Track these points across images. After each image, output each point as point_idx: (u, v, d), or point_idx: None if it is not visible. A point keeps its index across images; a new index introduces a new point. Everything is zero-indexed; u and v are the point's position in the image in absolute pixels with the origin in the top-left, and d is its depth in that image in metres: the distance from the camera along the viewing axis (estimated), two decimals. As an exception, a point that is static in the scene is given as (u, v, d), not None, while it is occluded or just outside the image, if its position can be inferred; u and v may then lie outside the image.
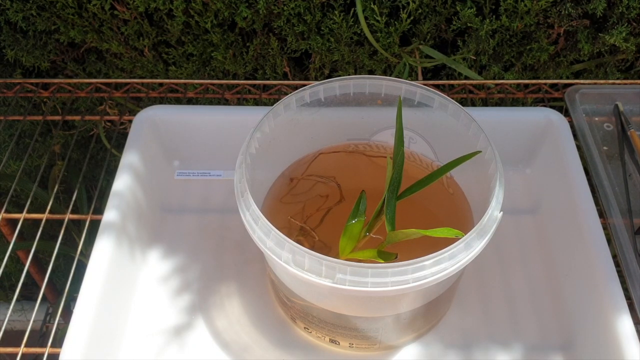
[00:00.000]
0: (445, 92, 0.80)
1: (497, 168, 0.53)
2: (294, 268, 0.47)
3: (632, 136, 0.70)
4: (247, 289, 0.64)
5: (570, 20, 0.76)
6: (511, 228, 0.69)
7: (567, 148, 0.68)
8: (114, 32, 0.83)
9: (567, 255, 0.64)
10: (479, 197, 0.57)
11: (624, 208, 0.64)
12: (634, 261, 0.59)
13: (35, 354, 0.59)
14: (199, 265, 0.66)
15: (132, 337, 0.60)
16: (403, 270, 0.46)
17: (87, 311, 0.55)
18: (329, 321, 0.55)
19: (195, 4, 0.78)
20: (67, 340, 0.54)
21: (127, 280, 0.63)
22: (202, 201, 0.73)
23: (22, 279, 0.64)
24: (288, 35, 0.80)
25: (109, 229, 0.61)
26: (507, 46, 0.80)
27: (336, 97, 0.59)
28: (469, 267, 0.53)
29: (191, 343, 0.60)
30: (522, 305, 0.63)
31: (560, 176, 0.67)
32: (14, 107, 0.91)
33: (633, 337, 0.53)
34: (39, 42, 0.85)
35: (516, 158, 0.73)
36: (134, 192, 0.66)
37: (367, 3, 0.76)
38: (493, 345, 0.60)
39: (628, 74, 0.84)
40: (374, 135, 0.65)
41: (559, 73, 0.83)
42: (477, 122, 0.57)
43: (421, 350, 0.59)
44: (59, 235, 0.67)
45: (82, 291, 0.57)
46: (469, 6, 0.75)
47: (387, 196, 0.54)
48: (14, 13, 0.81)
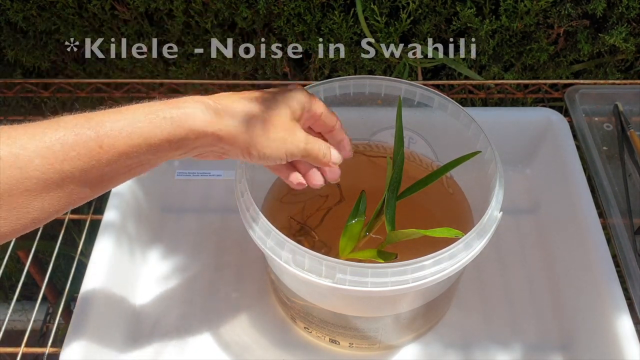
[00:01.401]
0: (445, 92, 0.80)
1: (497, 168, 0.53)
2: (294, 268, 0.47)
3: (631, 136, 0.70)
4: (247, 288, 0.64)
5: (570, 20, 0.76)
6: (511, 228, 0.69)
7: (566, 148, 0.68)
8: (114, 32, 0.83)
9: (566, 255, 0.64)
10: (479, 197, 0.57)
11: (623, 208, 0.64)
12: (633, 261, 0.59)
13: (36, 354, 0.60)
14: (199, 265, 0.66)
15: (132, 337, 0.60)
16: (403, 270, 0.46)
17: (87, 311, 0.55)
18: (329, 321, 0.55)
19: (195, 4, 0.78)
20: (67, 340, 0.54)
21: (127, 280, 0.63)
22: (202, 201, 0.73)
23: (22, 278, 0.64)
24: (288, 36, 0.80)
25: (109, 228, 0.61)
26: (507, 46, 0.80)
27: (336, 97, 0.60)
28: (469, 267, 0.53)
29: (191, 343, 0.60)
30: (522, 305, 0.63)
31: (560, 176, 0.67)
32: (14, 107, 0.91)
33: (633, 337, 0.53)
34: (39, 42, 0.85)
35: (516, 158, 0.73)
36: (134, 192, 0.66)
37: (367, 3, 0.76)
38: (493, 345, 0.60)
39: (628, 74, 0.84)
40: (374, 135, 0.65)
41: (559, 73, 0.83)
42: (477, 122, 0.57)
43: (421, 350, 0.59)
44: (59, 235, 0.67)
45: (83, 291, 0.57)
46: (468, 6, 0.75)
47: (387, 196, 0.54)
48: (15, 13, 0.81)
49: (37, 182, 0.35)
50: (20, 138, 0.35)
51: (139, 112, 0.38)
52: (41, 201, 0.36)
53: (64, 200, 0.37)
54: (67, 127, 0.36)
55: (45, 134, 0.35)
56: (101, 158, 0.36)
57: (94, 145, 0.36)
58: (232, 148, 0.41)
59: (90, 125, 0.36)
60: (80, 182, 0.36)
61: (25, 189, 0.35)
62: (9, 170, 0.34)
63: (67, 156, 0.35)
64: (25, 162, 0.34)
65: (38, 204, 0.36)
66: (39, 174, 0.35)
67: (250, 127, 0.41)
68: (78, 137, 0.35)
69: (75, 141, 0.35)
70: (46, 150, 0.35)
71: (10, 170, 0.34)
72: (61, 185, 0.36)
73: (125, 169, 0.38)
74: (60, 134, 0.35)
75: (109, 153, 0.36)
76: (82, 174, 0.36)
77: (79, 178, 0.36)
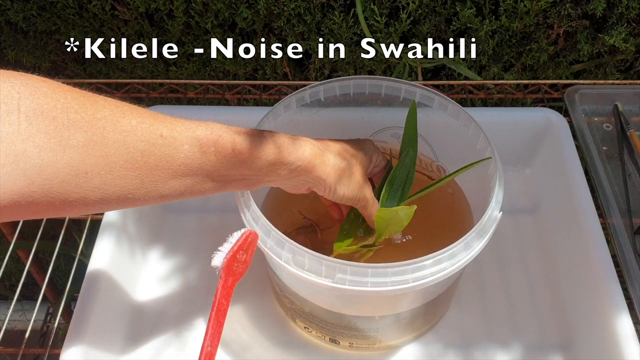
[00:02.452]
0: (445, 92, 0.80)
1: (496, 168, 0.53)
2: (294, 268, 0.48)
3: (631, 136, 0.70)
4: (247, 288, 0.64)
5: (570, 20, 0.76)
6: (511, 228, 0.69)
7: (566, 148, 0.68)
8: (115, 32, 0.83)
9: (566, 255, 0.64)
10: (479, 197, 0.57)
11: (623, 208, 0.64)
12: (633, 261, 0.59)
13: (36, 354, 0.60)
14: (199, 265, 0.66)
15: (133, 337, 0.60)
16: (403, 270, 0.46)
17: (87, 311, 0.55)
18: (329, 321, 0.55)
19: (195, 5, 0.78)
20: (67, 340, 0.54)
21: (128, 280, 0.63)
22: (203, 201, 0.73)
23: (22, 278, 0.64)
24: (288, 36, 0.80)
25: (109, 228, 0.61)
26: (506, 46, 0.80)
27: (336, 97, 0.60)
28: (469, 267, 0.53)
29: (191, 343, 0.60)
30: (522, 305, 0.63)
31: (560, 176, 0.67)
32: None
33: (633, 337, 0.53)
34: (40, 43, 0.85)
35: (516, 158, 0.74)
36: (135, 192, 0.66)
37: (367, 3, 0.76)
38: (492, 345, 0.60)
39: (627, 74, 0.84)
40: (374, 135, 0.65)
41: (559, 73, 0.83)
42: (476, 122, 0.57)
43: (421, 349, 0.59)
44: (59, 235, 0.67)
45: (83, 291, 0.57)
46: (468, 7, 0.75)
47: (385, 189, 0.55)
48: (15, 13, 0.81)
49: (179, 164, 0.42)
50: (178, 126, 0.42)
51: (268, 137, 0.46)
52: (175, 182, 0.42)
53: (190, 188, 0.44)
54: (214, 128, 0.43)
55: (198, 128, 0.43)
56: (229, 161, 0.44)
57: (229, 149, 0.43)
58: (320, 182, 0.49)
59: (231, 133, 0.44)
60: (208, 175, 0.44)
61: (169, 167, 0.41)
62: (165, 148, 0.41)
63: (207, 150, 0.42)
64: (178, 144, 0.41)
65: (172, 184, 0.42)
66: (183, 158, 0.42)
67: (340, 171, 0.49)
68: (219, 139, 0.43)
69: (216, 141, 0.43)
70: (195, 140, 0.42)
71: (165, 148, 0.41)
72: (194, 174, 0.43)
73: (241, 177, 0.46)
74: (208, 132, 0.43)
75: (236, 159, 0.44)
76: (212, 169, 0.43)
77: (208, 172, 0.43)
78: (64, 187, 0.37)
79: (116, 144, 0.39)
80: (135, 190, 0.41)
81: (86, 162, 0.38)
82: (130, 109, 0.41)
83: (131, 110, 0.41)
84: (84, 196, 0.39)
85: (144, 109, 0.42)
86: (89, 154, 0.38)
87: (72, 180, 0.38)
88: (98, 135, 0.38)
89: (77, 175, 0.38)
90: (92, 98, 0.40)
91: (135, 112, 0.41)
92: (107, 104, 0.40)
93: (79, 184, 0.38)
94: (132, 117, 0.40)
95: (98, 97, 0.40)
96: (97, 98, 0.40)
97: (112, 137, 0.39)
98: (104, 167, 0.39)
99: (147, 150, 0.40)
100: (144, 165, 0.40)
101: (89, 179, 0.38)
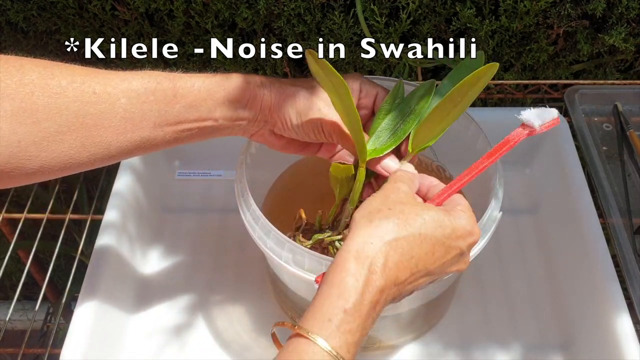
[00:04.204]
0: (445, 92, 0.80)
1: (496, 168, 0.53)
2: (294, 267, 0.48)
3: (631, 136, 0.70)
4: (247, 288, 0.64)
5: (570, 20, 0.76)
6: (511, 228, 0.69)
7: (566, 148, 0.68)
8: (115, 32, 0.83)
9: (566, 255, 0.64)
10: (479, 197, 0.57)
11: (623, 208, 0.64)
12: (633, 261, 0.59)
13: (36, 354, 0.60)
14: (199, 265, 0.66)
15: (133, 337, 0.60)
16: (403, 269, 0.46)
17: (87, 311, 0.56)
18: (329, 321, 0.55)
19: (195, 5, 0.78)
20: (67, 340, 0.54)
21: (128, 279, 0.63)
22: (203, 201, 0.73)
23: (22, 278, 0.64)
24: (288, 36, 0.80)
25: (109, 228, 0.61)
26: (506, 47, 0.80)
27: (336, 97, 0.59)
28: (469, 267, 0.53)
29: (191, 343, 0.60)
30: (522, 305, 0.63)
31: (560, 176, 0.67)
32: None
33: (633, 337, 0.53)
34: (40, 43, 0.85)
35: (516, 158, 0.74)
36: (135, 192, 0.66)
37: (367, 3, 0.76)
38: (492, 345, 0.60)
39: (627, 75, 0.84)
40: (373, 135, 0.65)
41: (559, 73, 0.83)
42: (476, 122, 0.57)
43: (421, 349, 0.59)
44: (59, 235, 0.67)
45: (83, 291, 0.57)
46: (468, 7, 0.75)
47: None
48: (15, 13, 0.81)
49: (120, 120, 0.40)
50: (113, 79, 0.40)
51: (217, 77, 0.44)
52: (121, 140, 0.41)
53: (138, 143, 0.42)
54: (152, 76, 0.41)
55: (134, 79, 0.41)
56: (174, 105, 0.41)
57: (170, 94, 0.41)
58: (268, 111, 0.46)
59: (169, 78, 0.42)
60: (155, 126, 0.42)
61: (109, 124, 0.40)
62: (100, 105, 0.39)
63: (147, 99, 0.40)
64: (114, 100, 0.40)
65: (118, 142, 0.41)
66: (122, 112, 0.40)
67: (285, 95, 0.46)
68: (159, 85, 0.41)
69: (155, 88, 0.41)
70: (132, 92, 0.40)
71: (101, 105, 0.39)
72: (139, 127, 0.41)
73: (192, 123, 0.43)
74: (145, 81, 0.41)
75: (180, 103, 0.41)
76: (157, 119, 0.41)
77: (154, 123, 0.41)
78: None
79: (47, 108, 0.37)
80: (77, 155, 0.39)
81: (17, 131, 0.37)
82: (60, 68, 0.39)
83: (61, 70, 0.39)
84: (21, 166, 0.37)
85: (77, 66, 0.40)
86: (19, 122, 0.37)
87: (4, 151, 0.36)
88: (27, 101, 0.37)
89: (9, 145, 0.36)
90: (18, 62, 0.38)
91: (65, 72, 0.39)
92: (35, 67, 0.38)
93: (13, 154, 0.37)
94: (61, 78, 0.38)
95: (25, 61, 0.38)
96: (24, 62, 0.38)
97: (42, 101, 0.37)
98: (38, 134, 0.37)
99: (81, 110, 0.38)
100: (80, 127, 0.39)
101: (22, 149, 0.37)
